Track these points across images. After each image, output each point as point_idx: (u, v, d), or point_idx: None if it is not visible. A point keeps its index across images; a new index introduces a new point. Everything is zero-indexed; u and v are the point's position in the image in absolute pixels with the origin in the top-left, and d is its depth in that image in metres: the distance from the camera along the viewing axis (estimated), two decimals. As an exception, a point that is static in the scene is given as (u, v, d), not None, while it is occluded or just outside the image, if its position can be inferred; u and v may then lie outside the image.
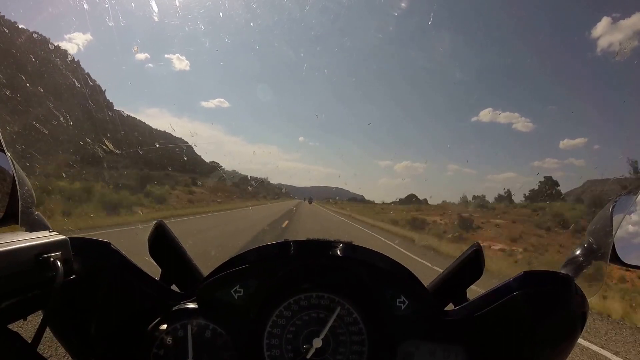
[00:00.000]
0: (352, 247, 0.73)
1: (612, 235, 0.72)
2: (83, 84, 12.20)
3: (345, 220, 26.20)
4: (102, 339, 0.68)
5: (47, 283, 0.56)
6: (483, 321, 0.69)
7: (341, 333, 0.69)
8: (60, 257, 0.58)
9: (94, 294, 0.67)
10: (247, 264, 0.70)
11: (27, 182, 0.75)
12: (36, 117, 9.63)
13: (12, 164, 0.72)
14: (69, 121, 9.08)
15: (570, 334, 0.69)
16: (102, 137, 8.30)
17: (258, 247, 0.74)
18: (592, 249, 0.75)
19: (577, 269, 0.74)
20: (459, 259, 0.77)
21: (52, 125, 9.42)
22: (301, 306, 0.69)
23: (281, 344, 0.68)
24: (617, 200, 0.74)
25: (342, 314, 0.69)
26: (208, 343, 0.68)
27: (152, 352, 0.67)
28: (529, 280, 0.69)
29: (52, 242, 0.59)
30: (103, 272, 0.68)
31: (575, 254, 0.76)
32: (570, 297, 0.68)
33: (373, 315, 0.69)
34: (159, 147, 24.04)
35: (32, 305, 0.56)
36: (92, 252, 0.68)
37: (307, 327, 0.69)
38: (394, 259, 0.73)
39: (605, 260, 0.72)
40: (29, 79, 12.40)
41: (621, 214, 0.72)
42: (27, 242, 0.55)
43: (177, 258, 0.77)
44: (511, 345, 0.68)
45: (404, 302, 0.69)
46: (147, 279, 0.72)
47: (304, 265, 0.71)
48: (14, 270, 0.51)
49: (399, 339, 0.69)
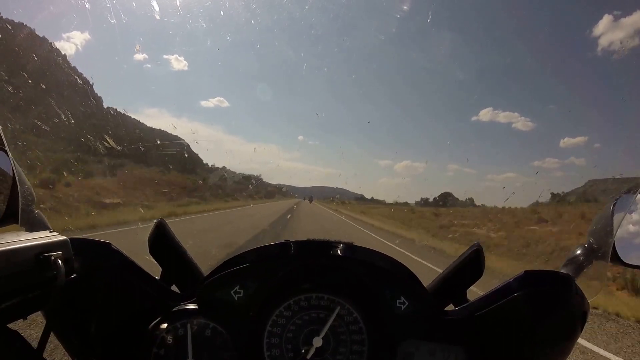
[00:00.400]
0: (352, 247, 0.73)
1: (613, 235, 0.71)
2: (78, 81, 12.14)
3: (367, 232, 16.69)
4: (102, 338, 0.68)
5: (48, 283, 0.56)
6: (483, 321, 0.69)
7: (341, 333, 0.69)
8: (60, 257, 0.58)
9: (95, 293, 0.67)
10: (247, 264, 0.70)
11: (27, 181, 0.75)
12: (37, 115, 9.65)
13: (12, 162, 0.72)
14: (70, 119, 9.09)
15: (571, 334, 0.69)
16: (103, 134, 8.31)
17: (258, 247, 0.74)
18: (592, 248, 0.75)
19: (578, 269, 0.73)
20: (459, 259, 0.77)
21: (54, 122, 9.44)
22: (301, 306, 0.69)
23: (281, 344, 0.68)
24: (618, 199, 0.74)
25: (342, 313, 0.69)
26: (208, 342, 0.68)
27: (152, 352, 0.67)
28: (530, 280, 0.69)
29: (53, 242, 0.59)
30: (103, 272, 0.68)
31: (576, 253, 0.76)
32: (570, 297, 0.68)
33: (373, 315, 0.69)
34: (160, 143, 23.88)
35: (33, 305, 0.56)
36: (93, 252, 0.68)
37: (307, 326, 0.69)
38: (395, 259, 0.73)
39: (606, 260, 0.72)
40: (30, 77, 12.42)
41: (622, 214, 0.72)
42: (27, 242, 0.55)
43: (178, 257, 0.78)
44: (511, 345, 0.68)
45: (404, 302, 0.69)
46: (148, 279, 0.72)
47: (304, 265, 0.72)
48: (14, 270, 0.51)
49: (399, 338, 0.69)
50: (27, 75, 12.43)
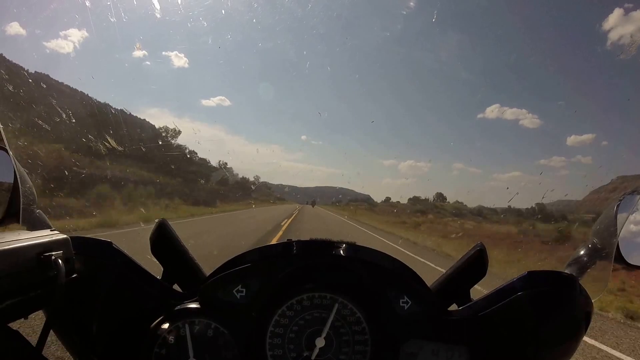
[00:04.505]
0: (355, 247, 0.73)
1: (617, 235, 0.71)
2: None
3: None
4: (103, 337, 0.68)
5: (49, 282, 0.56)
6: (487, 321, 0.68)
7: (344, 333, 0.68)
8: (61, 256, 0.58)
9: (96, 293, 0.67)
10: (249, 263, 0.70)
11: (29, 180, 0.75)
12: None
13: (14, 162, 0.72)
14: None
15: (575, 334, 0.68)
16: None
17: (260, 247, 0.73)
18: (596, 249, 0.74)
19: (581, 269, 0.73)
20: (462, 259, 0.76)
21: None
22: (304, 306, 0.69)
23: (284, 344, 0.68)
24: (622, 200, 0.74)
25: (345, 313, 0.68)
26: (210, 342, 0.68)
27: (154, 351, 0.66)
28: (533, 280, 0.69)
29: (54, 241, 0.59)
30: (104, 272, 0.67)
31: (580, 254, 0.76)
32: (574, 297, 0.68)
33: (376, 315, 0.69)
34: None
35: (34, 304, 0.56)
36: (94, 251, 0.68)
37: (309, 326, 0.68)
38: (398, 259, 0.73)
39: (610, 261, 0.72)
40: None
41: (625, 214, 0.72)
42: (28, 241, 0.54)
43: (179, 257, 0.77)
44: (515, 345, 0.68)
45: (407, 302, 0.69)
46: (149, 279, 0.71)
47: (306, 265, 0.71)
48: (16, 269, 0.51)
49: (402, 338, 0.69)
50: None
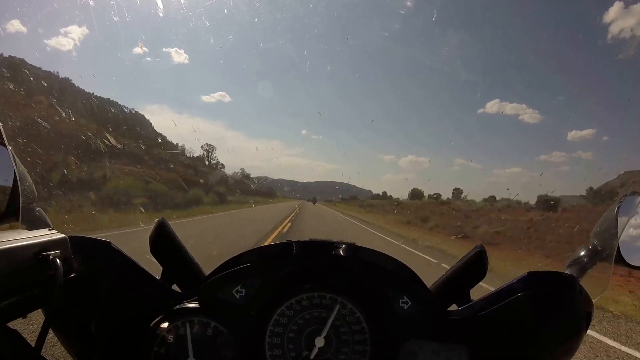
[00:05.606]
0: (355, 247, 0.73)
1: (617, 237, 0.71)
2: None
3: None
4: (103, 337, 0.67)
5: (47, 281, 0.55)
6: (487, 321, 0.68)
7: (344, 332, 0.68)
8: (59, 256, 0.57)
9: (95, 292, 0.67)
10: (248, 263, 0.70)
11: (28, 178, 0.74)
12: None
13: (13, 159, 0.72)
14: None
15: (575, 334, 0.68)
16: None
17: (260, 247, 0.73)
18: (596, 249, 0.74)
19: (582, 270, 0.73)
20: (462, 260, 0.76)
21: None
22: (303, 306, 0.69)
23: (283, 343, 0.68)
24: (622, 201, 0.73)
25: (345, 313, 0.68)
26: (209, 341, 0.68)
27: (153, 351, 0.66)
28: (533, 280, 0.69)
29: (52, 240, 0.59)
30: (103, 271, 0.67)
31: (580, 254, 0.76)
32: (574, 297, 0.68)
33: (375, 315, 0.69)
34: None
35: (32, 304, 0.56)
36: (92, 251, 0.68)
37: (309, 326, 0.68)
38: (397, 259, 0.73)
39: (610, 262, 0.72)
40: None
41: (626, 215, 0.72)
42: (26, 240, 0.54)
43: (179, 257, 0.77)
44: (515, 346, 0.68)
45: (407, 302, 0.69)
46: (149, 278, 0.71)
47: (306, 265, 0.71)
48: (14, 268, 0.51)
49: (402, 338, 0.69)
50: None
